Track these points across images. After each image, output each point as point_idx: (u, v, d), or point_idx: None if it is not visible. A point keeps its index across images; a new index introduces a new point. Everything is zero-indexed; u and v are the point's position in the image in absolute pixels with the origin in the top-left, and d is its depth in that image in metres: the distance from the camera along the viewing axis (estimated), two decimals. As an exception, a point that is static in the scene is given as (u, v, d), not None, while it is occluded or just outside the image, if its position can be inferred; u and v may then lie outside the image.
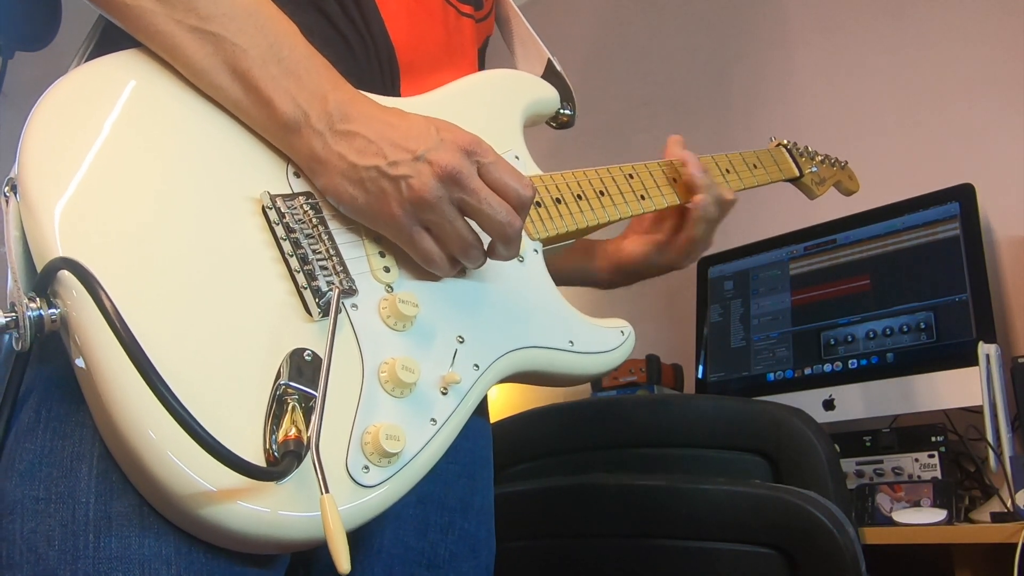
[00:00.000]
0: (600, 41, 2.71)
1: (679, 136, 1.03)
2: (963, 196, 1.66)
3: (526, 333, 0.76)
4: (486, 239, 0.72)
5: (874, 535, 1.33)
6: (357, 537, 0.74)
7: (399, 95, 0.82)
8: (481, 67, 0.95)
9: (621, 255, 1.03)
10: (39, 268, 0.57)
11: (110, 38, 0.71)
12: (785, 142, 1.18)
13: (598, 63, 2.68)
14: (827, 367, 1.74)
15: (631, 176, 0.94)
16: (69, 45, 0.74)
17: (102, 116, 0.63)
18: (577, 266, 1.06)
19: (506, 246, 0.71)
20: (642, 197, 0.93)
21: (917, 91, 1.99)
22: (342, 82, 0.70)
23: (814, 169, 1.20)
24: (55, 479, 0.59)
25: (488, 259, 0.73)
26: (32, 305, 0.56)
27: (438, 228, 0.69)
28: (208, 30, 0.65)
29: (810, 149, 1.21)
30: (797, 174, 1.16)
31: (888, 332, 1.67)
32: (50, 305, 0.57)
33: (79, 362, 0.57)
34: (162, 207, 0.62)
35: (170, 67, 0.67)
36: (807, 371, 1.77)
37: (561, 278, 1.02)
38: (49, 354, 0.62)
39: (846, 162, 1.28)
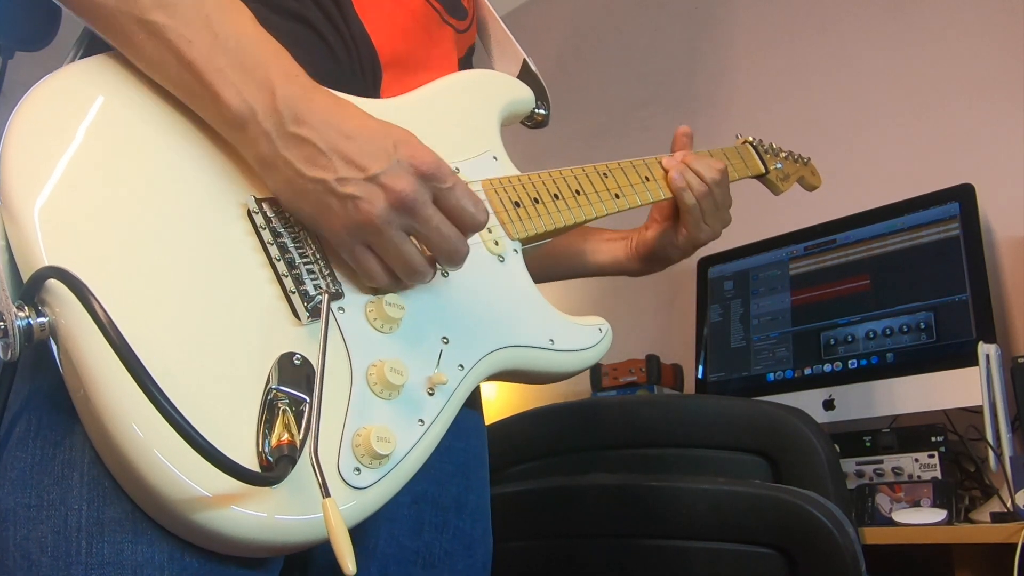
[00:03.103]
0: (598, 41, 2.71)
1: (687, 128, 1.07)
2: (963, 196, 1.66)
3: (508, 333, 0.77)
4: None
5: (874, 535, 1.33)
6: (352, 537, 0.74)
7: (380, 96, 0.82)
8: None
9: (644, 242, 1.07)
10: (24, 277, 0.57)
11: (102, 39, 0.70)
12: (751, 139, 1.20)
13: (596, 63, 2.68)
14: (827, 367, 1.74)
15: (605, 175, 0.95)
16: (69, 45, 0.74)
17: (83, 122, 0.62)
18: (609, 260, 1.10)
19: (452, 267, 0.71)
20: (616, 196, 0.95)
21: (917, 91, 1.99)
22: (294, 74, 0.66)
23: (779, 166, 1.22)
24: (47, 487, 0.59)
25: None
26: (20, 314, 0.56)
27: (382, 251, 0.67)
28: (152, 20, 0.63)
29: (775, 146, 1.23)
30: (763, 170, 1.18)
31: (888, 332, 1.67)
32: (38, 314, 0.56)
33: (69, 371, 0.57)
34: (147, 212, 0.62)
35: None
36: (807, 371, 1.77)
37: (597, 271, 1.10)
38: (42, 364, 0.62)
39: (808, 158, 1.30)
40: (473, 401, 0.86)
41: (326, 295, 0.65)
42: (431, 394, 0.69)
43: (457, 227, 0.68)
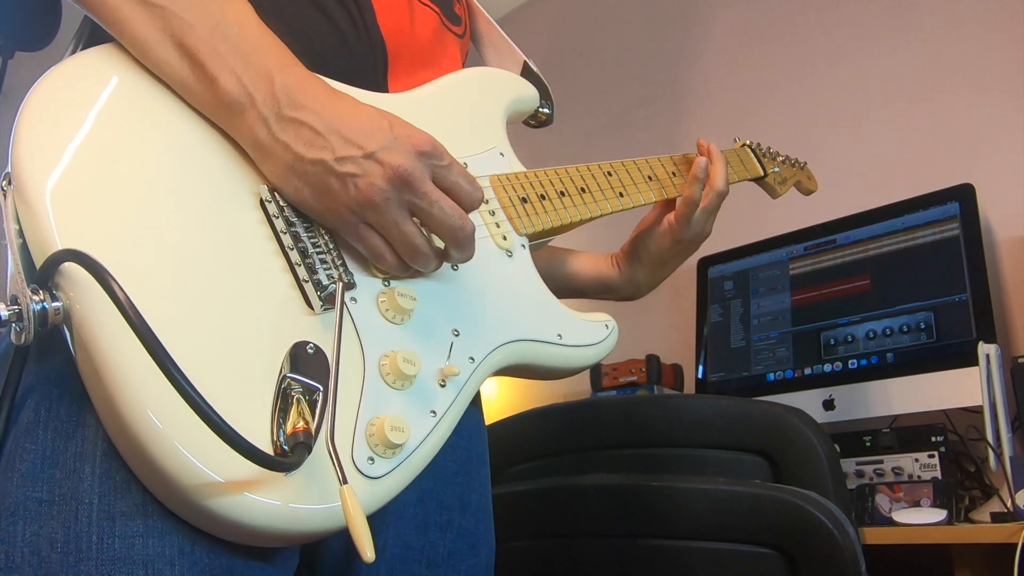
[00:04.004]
0: (599, 41, 2.71)
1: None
2: (963, 196, 1.66)
3: (517, 326, 0.77)
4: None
5: (874, 535, 1.33)
6: None
7: (387, 89, 0.82)
8: None
9: (624, 248, 1.07)
10: (37, 261, 0.56)
11: (102, 30, 0.70)
12: (749, 142, 1.22)
13: (596, 62, 2.69)
14: (827, 367, 1.74)
15: (610, 174, 0.96)
16: (68, 44, 0.74)
17: (94, 109, 0.62)
18: (593, 272, 1.08)
19: (459, 250, 0.70)
20: (621, 194, 0.96)
21: (917, 90, 1.99)
22: (291, 63, 0.67)
23: (776, 169, 1.23)
24: (58, 480, 0.58)
25: (442, 263, 0.72)
26: (36, 298, 0.55)
27: (384, 230, 0.67)
28: (155, 3, 0.63)
29: (772, 150, 1.25)
30: (761, 173, 1.19)
31: (888, 332, 1.67)
32: (53, 298, 0.56)
33: (82, 356, 0.57)
34: (160, 199, 0.62)
35: None
36: (807, 371, 1.77)
37: (580, 292, 1.08)
38: (47, 351, 0.61)
39: (805, 163, 1.32)
40: (475, 399, 0.86)
41: (340, 283, 0.65)
42: (443, 386, 0.69)
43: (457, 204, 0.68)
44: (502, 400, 2.37)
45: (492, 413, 1.71)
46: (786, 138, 2.16)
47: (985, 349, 1.45)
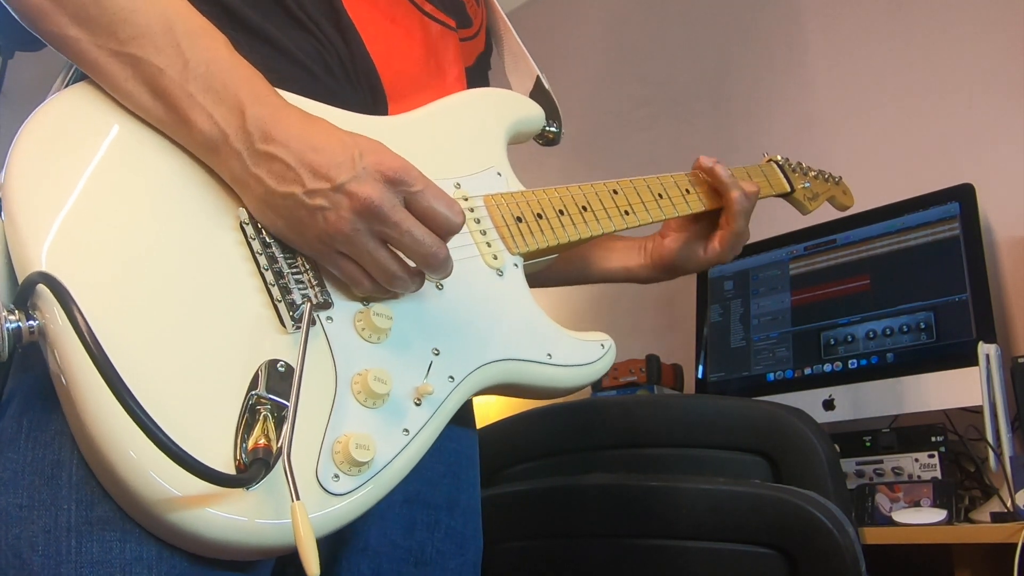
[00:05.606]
0: (600, 41, 2.71)
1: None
2: (963, 196, 1.66)
3: (502, 346, 0.77)
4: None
5: (874, 535, 1.33)
6: (343, 535, 0.75)
7: (388, 111, 0.83)
8: (472, 83, 0.95)
9: (662, 251, 1.07)
10: (20, 282, 0.59)
11: None
12: (777, 158, 1.19)
13: (598, 63, 2.69)
14: (827, 367, 1.74)
15: (615, 192, 0.95)
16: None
17: (86, 139, 0.65)
18: (618, 266, 1.10)
19: (434, 273, 0.71)
20: (626, 212, 0.94)
21: (917, 91, 1.98)
22: (264, 92, 0.68)
23: (806, 184, 1.20)
24: (37, 487, 0.60)
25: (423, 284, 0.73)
26: (11, 317, 0.58)
27: (358, 258, 0.68)
28: (127, 52, 0.65)
29: (803, 165, 1.22)
30: (788, 189, 1.17)
31: (888, 332, 1.67)
32: (29, 317, 0.58)
33: (54, 370, 0.59)
34: (142, 223, 0.64)
35: None
36: (807, 371, 1.77)
37: (604, 277, 1.09)
38: (31, 362, 0.63)
39: (840, 177, 1.29)
40: (466, 419, 0.87)
41: (308, 304, 0.66)
42: (418, 404, 0.69)
43: (433, 230, 0.68)
44: (502, 400, 2.37)
45: (492, 413, 1.71)
46: (786, 138, 2.16)
47: (985, 349, 1.45)
